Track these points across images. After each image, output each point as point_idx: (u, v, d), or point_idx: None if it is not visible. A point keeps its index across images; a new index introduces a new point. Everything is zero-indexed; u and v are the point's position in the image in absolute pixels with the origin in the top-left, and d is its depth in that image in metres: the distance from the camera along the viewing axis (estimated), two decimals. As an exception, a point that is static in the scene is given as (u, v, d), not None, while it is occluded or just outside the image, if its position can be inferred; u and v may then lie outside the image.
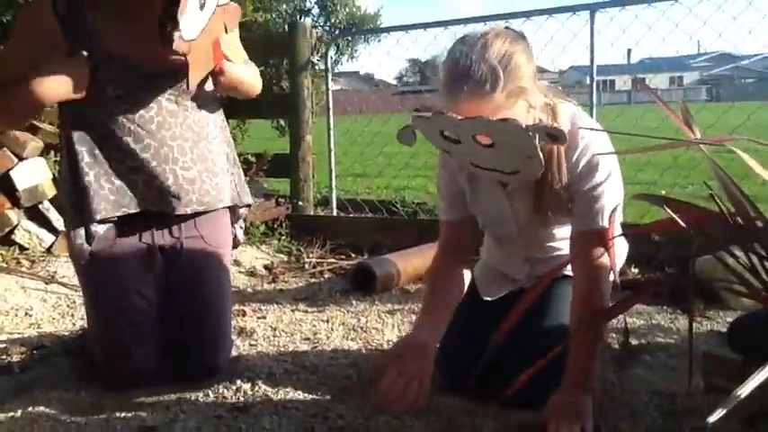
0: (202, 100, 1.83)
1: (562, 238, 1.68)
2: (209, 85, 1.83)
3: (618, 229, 1.70)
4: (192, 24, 1.54)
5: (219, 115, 1.92)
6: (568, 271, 1.65)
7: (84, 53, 1.63)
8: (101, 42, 1.68)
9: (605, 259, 1.51)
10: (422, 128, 1.48)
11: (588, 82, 3.40)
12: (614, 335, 2.03)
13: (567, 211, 1.58)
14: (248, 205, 2.02)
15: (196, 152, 1.81)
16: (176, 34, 1.51)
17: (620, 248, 1.81)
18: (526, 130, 1.37)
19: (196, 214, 1.83)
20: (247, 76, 1.86)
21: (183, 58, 1.60)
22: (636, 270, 2.71)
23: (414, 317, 2.33)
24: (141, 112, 1.73)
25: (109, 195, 1.73)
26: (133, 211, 1.75)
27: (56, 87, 1.62)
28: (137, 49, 1.69)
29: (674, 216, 1.25)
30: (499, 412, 1.52)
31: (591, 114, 3.22)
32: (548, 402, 1.45)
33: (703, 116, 1.31)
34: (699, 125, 1.37)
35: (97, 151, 1.73)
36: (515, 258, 1.77)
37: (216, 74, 1.74)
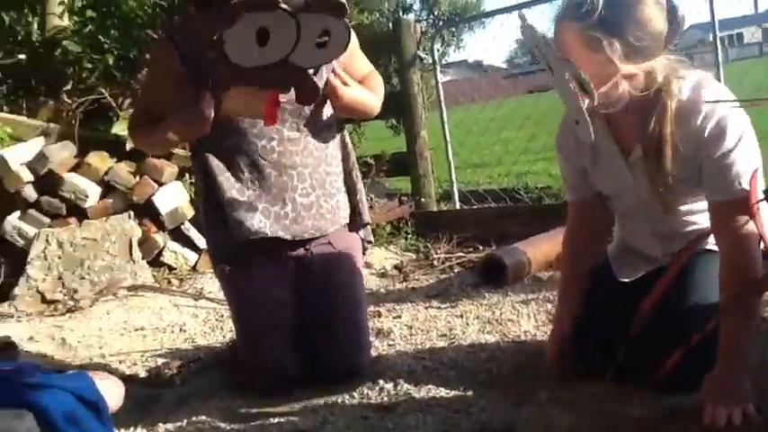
0: (323, 123, 1.88)
1: (697, 210, 1.57)
2: (328, 108, 1.87)
3: (761, 195, 1.59)
4: (239, 50, 1.45)
5: (340, 130, 1.96)
6: (711, 245, 1.56)
7: (208, 95, 1.68)
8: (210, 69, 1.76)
9: (751, 228, 1.38)
10: (525, 34, 1.42)
11: (711, 39, 3.19)
12: (768, 308, 1.90)
13: (696, 181, 1.46)
14: (366, 224, 2.04)
15: (315, 177, 1.86)
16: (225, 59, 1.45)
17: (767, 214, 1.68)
18: (560, 60, 1.30)
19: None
20: (364, 97, 1.86)
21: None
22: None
23: (549, 305, 2.30)
24: (263, 142, 1.81)
25: (235, 220, 1.81)
26: (252, 238, 1.81)
27: (185, 131, 1.76)
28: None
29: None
30: (647, 397, 1.47)
31: (717, 74, 3.03)
32: (702, 385, 1.39)
33: None
34: None
35: (222, 177, 1.82)
36: (645, 234, 1.67)
37: (331, 96, 1.78)
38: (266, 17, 1.40)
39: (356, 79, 1.87)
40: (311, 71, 1.57)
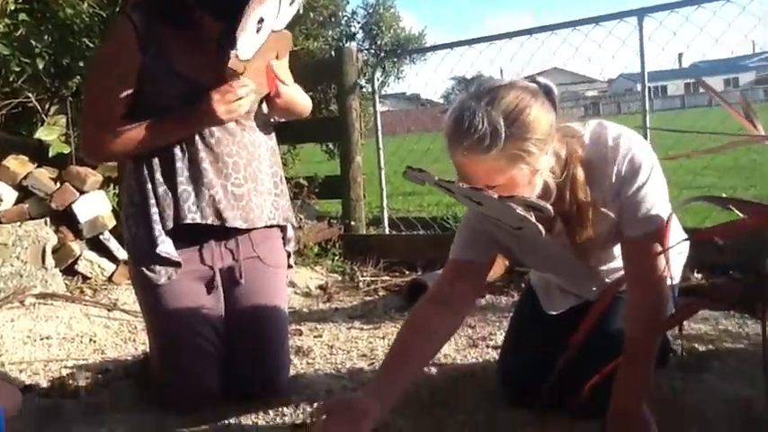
0: (258, 122, 1.87)
1: None
2: (264, 108, 1.87)
3: (681, 233, 1.64)
4: (248, 45, 1.58)
5: (271, 139, 1.95)
6: None
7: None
8: (166, 60, 1.73)
9: (661, 265, 1.38)
10: (412, 179, 1.38)
11: (639, 89, 3.34)
12: (679, 342, 1.95)
13: (617, 226, 1.45)
14: (298, 227, 2.03)
15: (249, 170, 1.84)
16: (233, 53, 1.55)
17: (680, 254, 1.74)
18: (502, 202, 1.27)
19: (247, 231, 1.85)
20: (300, 95, 1.92)
21: (238, 78, 1.64)
22: (699, 276, 2.63)
23: (470, 330, 2.31)
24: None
25: (163, 207, 1.76)
26: (182, 222, 1.76)
27: (191, 130, 1.76)
28: (201, 68, 1.73)
29: (742, 216, 1.18)
30: (563, 423, 1.49)
31: (644, 121, 3.15)
32: (607, 417, 1.40)
33: (762, 117, 1.26)
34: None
35: (155, 163, 1.77)
36: (581, 284, 1.67)
37: (272, 96, 1.79)
38: (264, 6, 1.51)
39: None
40: None
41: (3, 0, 4.07)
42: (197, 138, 1.77)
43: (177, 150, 1.77)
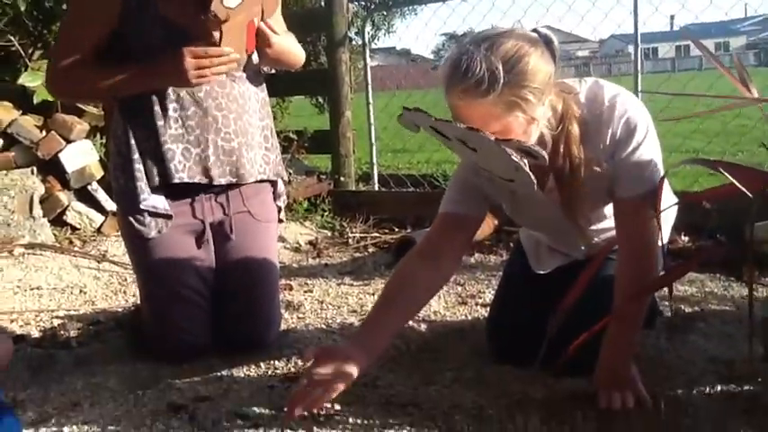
0: (248, 72, 1.84)
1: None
2: (255, 58, 1.83)
3: (671, 196, 1.65)
4: None
5: (262, 90, 1.92)
6: None
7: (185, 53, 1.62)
8: (150, 5, 1.68)
9: (654, 227, 1.40)
10: (407, 123, 1.38)
11: (630, 50, 3.32)
12: (665, 303, 1.99)
13: (610, 187, 1.46)
14: (287, 182, 2.02)
15: (239, 124, 1.81)
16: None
17: (669, 216, 1.75)
18: (498, 144, 1.25)
19: (237, 186, 1.84)
20: (292, 46, 1.87)
21: (219, 29, 1.61)
22: (686, 238, 2.66)
23: (459, 288, 2.33)
24: None
25: (149, 164, 1.74)
26: (176, 181, 1.75)
27: (156, 85, 1.71)
28: (184, 14, 1.69)
29: (733, 180, 1.19)
30: (551, 380, 1.52)
31: (635, 83, 3.14)
32: (595, 374, 1.43)
33: (754, 82, 1.26)
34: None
35: (140, 117, 1.74)
36: (570, 243, 1.68)
37: (263, 47, 1.75)
38: None
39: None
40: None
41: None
42: (183, 92, 1.73)
43: (158, 107, 1.72)
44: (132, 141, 1.74)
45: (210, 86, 1.76)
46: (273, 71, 1.99)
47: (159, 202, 1.77)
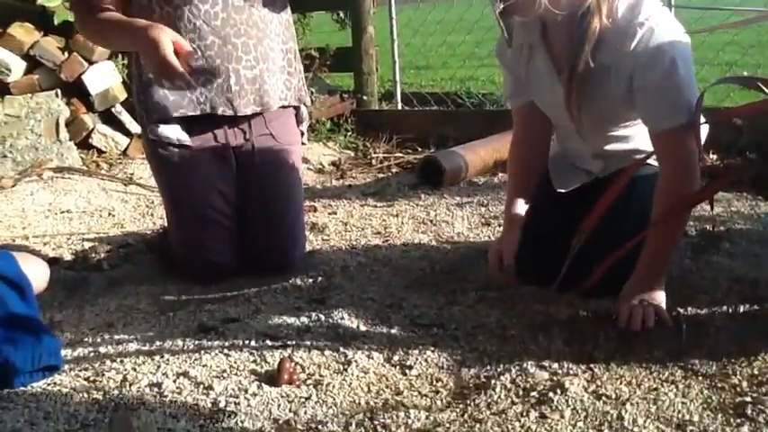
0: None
1: (633, 133, 1.58)
2: None
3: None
4: None
5: (285, 12, 1.87)
6: (651, 161, 1.58)
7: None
8: None
9: (693, 151, 1.38)
10: None
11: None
12: (691, 223, 1.97)
13: (627, 105, 1.47)
14: (307, 115, 2.01)
15: (260, 50, 1.78)
16: None
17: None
18: None
19: (262, 113, 1.83)
20: None
21: None
22: (714, 156, 2.61)
23: (483, 209, 2.33)
24: (206, 7, 1.71)
25: (168, 96, 1.74)
26: (191, 113, 1.75)
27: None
28: None
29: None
30: (575, 300, 1.53)
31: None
32: (621, 291, 1.44)
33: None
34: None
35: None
36: (584, 153, 1.68)
37: None
38: None
39: None
40: None
41: None
42: (200, 22, 1.70)
43: (182, 31, 1.68)
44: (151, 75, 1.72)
45: (226, 13, 1.72)
46: None
47: (179, 133, 1.78)
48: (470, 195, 2.52)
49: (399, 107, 3.78)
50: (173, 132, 1.77)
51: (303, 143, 2.02)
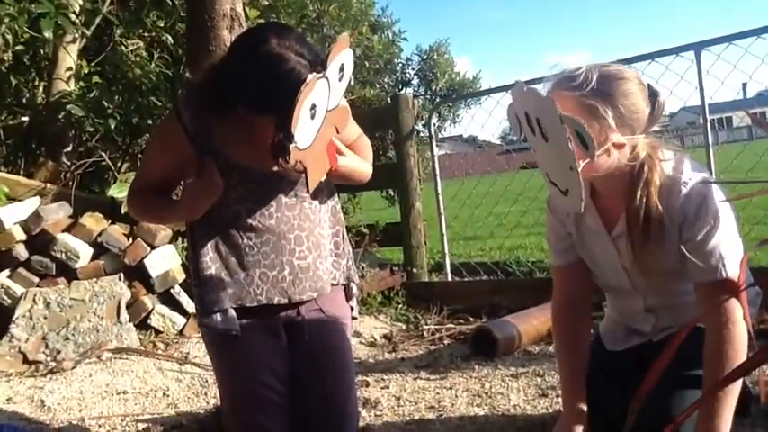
0: (318, 188, 1.90)
1: (684, 288, 1.55)
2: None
3: (749, 275, 1.60)
4: (305, 134, 1.56)
5: (332, 199, 1.98)
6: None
7: (213, 165, 1.72)
8: (225, 154, 1.79)
9: (736, 311, 1.38)
10: (516, 96, 1.45)
11: (701, 122, 3.28)
12: (757, 388, 1.88)
13: (677, 258, 1.47)
14: (360, 276, 2.05)
15: (312, 240, 1.86)
16: (291, 146, 1.52)
17: (754, 295, 1.69)
18: (565, 120, 1.31)
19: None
20: (359, 165, 1.90)
21: (300, 166, 1.65)
22: (772, 317, 2.52)
23: (539, 380, 2.27)
24: (262, 209, 1.82)
25: (228, 289, 1.81)
26: (248, 305, 1.81)
27: (201, 206, 1.74)
28: (259, 159, 1.78)
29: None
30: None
31: (707, 155, 3.09)
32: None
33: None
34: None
35: (220, 246, 1.82)
36: (636, 309, 1.66)
37: (330, 170, 1.82)
38: (313, 93, 1.48)
39: (348, 143, 1.90)
40: None
41: (77, 63, 4.34)
42: (256, 222, 1.81)
43: (236, 238, 1.79)
44: (209, 272, 1.81)
45: (280, 213, 1.82)
46: None
47: (231, 324, 1.83)
48: (525, 365, 2.47)
49: (449, 278, 3.82)
50: (228, 324, 1.82)
51: (354, 317, 2.04)
